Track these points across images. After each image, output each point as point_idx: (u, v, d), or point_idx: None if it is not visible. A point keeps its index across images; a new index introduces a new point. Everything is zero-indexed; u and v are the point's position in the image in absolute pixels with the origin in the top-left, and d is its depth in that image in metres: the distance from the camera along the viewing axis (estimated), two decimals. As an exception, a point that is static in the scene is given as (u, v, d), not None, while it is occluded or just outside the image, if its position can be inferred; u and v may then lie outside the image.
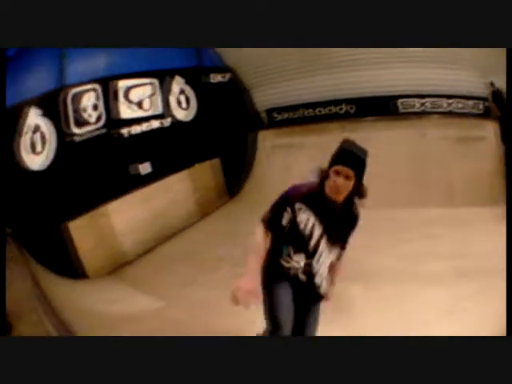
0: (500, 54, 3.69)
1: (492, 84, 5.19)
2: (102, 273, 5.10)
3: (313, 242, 2.15)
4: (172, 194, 6.13)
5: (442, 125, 5.56)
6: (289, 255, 2.18)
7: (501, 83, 4.96)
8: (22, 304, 3.27)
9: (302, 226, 2.11)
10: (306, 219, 2.10)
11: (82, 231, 5.08)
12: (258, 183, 6.61)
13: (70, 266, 4.91)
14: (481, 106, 5.39)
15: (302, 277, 2.21)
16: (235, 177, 6.97)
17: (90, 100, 5.22)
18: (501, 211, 4.09)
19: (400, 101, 5.62)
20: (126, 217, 5.50)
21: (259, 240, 2.10)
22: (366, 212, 2.26)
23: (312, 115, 6.20)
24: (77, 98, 5.10)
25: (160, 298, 4.12)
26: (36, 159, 4.77)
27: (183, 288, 4.34)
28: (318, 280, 2.22)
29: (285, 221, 2.09)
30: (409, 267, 3.76)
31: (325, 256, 2.20)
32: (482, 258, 3.64)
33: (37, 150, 4.75)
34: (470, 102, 5.41)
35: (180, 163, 6.26)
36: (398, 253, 4.03)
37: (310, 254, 2.17)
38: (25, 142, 4.65)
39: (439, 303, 3.19)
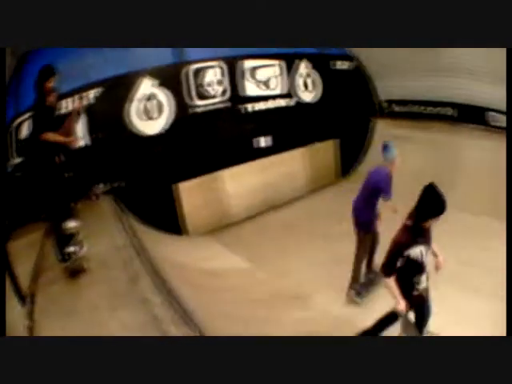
0: None
1: None
2: (202, 231, 5.58)
3: (426, 261, 2.53)
4: (287, 167, 6.58)
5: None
6: (418, 283, 2.53)
7: None
8: (119, 253, 3.61)
9: (418, 258, 2.44)
10: (419, 252, 2.43)
11: (191, 192, 5.59)
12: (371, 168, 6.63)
13: (174, 223, 5.51)
14: None
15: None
16: (351, 159, 7.19)
17: (215, 76, 5.70)
18: None
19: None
20: (241, 183, 6.03)
21: (389, 283, 2.49)
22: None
23: (423, 112, 6.40)
24: (200, 73, 5.59)
25: (250, 260, 4.40)
26: (150, 125, 5.30)
27: (275, 254, 4.56)
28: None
29: (399, 263, 2.43)
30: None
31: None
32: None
33: (152, 117, 5.28)
34: None
35: (300, 140, 6.70)
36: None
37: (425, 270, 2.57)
38: (137, 108, 5.19)
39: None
